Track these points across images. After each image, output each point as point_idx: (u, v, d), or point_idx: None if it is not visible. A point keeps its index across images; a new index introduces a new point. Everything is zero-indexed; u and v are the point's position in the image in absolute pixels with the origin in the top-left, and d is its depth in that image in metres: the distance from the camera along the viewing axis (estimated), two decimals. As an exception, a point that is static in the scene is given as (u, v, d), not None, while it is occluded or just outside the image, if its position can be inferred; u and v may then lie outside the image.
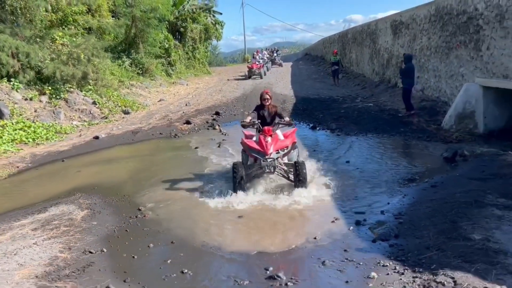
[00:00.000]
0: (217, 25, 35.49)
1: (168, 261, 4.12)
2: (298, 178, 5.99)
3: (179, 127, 12.63)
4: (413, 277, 3.28)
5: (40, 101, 13.10)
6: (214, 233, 4.87)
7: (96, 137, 11.27)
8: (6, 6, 12.67)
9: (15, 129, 10.78)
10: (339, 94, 17.15)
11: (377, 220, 4.79)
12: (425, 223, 4.29)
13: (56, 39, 15.58)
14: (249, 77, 25.82)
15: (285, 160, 6.40)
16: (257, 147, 6.05)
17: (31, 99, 12.72)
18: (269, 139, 6.02)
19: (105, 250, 4.40)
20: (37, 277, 3.61)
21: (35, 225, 5.10)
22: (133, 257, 4.26)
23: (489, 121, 9.07)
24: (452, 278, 3.07)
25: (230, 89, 21.64)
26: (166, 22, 25.38)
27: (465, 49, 10.24)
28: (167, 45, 26.35)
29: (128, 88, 19.30)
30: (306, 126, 11.67)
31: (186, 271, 3.87)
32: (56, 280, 3.56)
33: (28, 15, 13.57)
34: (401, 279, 3.31)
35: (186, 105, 16.88)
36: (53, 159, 9.39)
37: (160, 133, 11.82)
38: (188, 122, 13.04)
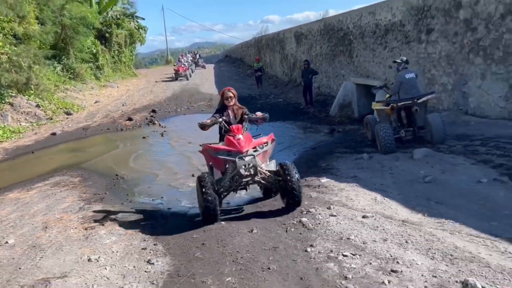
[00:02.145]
0: (140, 30, 37.30)
1: (147, 192, 6.86)
2: (290, 192, 4.54)
3: (123, 123, 14.91)
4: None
5: (-15, 106, 14.60)
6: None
7: (54, 133, 13.26)
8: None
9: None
10: (256, 92, 20.45)
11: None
12: (302, 163, 7.47)
13: (-4, 48, 16.93)
14: (176, 79, 28.28)
15: (265, 166, 5.00)
16: (225, 147, 4.74)
17: (-24, 105, 14.18)
18: (240, 136, 4.78)
19: (107, 193, 6.95)
20: (79, 201, 6.15)
21: (50, 185, 7.45)
22: (127, 195, 6.88)
23: (361, 108, 12.69)
24: (316, 179, 6.18)
25: (160, 90, 24.00)
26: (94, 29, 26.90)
27: (343, 56, 13.95)
28: (94, 50, 27.85)
29: (63, 92, 20.86)
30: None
31: (161, 196, 6.64)
32: (89, 202, 6.11)
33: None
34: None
35: (123, 105, 19.03)
36: (23, 151, 11.33)
37: (108, 128, 14.06)
38: (130, 119, 15.37)
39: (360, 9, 12.56)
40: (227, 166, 4.75)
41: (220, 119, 5.07)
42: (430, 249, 3.35)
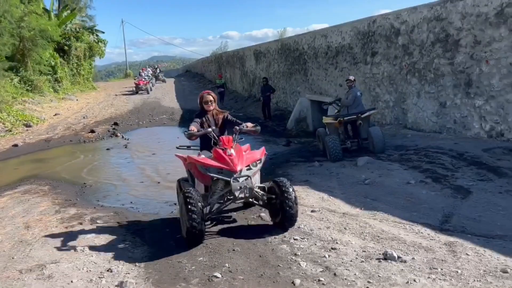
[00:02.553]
0: (100, 43, 37.23)
1: (116, 198, 7.36)
2: (287, 211, 4.24)
3: (85, 135, 15.15)
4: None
5: None
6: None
7: (15, 145, 13.34)
8: None
9: None
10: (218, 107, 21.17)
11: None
12: (261, 171, 8.21)
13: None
14: (137, 92, 28.53)
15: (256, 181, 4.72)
16: (218, 164, 4.31)
17: None
18: (232, 151, 4.37)
19: (78, 199, 7.37)
20: (53, 205, 6.56)
21: (21, 193, 7.76)
22: (98, 201, 7.32)
23: (316, 123, 13.64)
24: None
25: (121, 103, 24.20)
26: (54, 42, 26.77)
27: (299, 74, 15.00)
28: (53, 63, 27.64)
29: (21, 104, 20.68)
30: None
31: (130, 201, 7.16)
32: (64, 206, 6.53)
33: None
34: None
35: (84, 117, 19.16)
36: (-15, 162, 11.42)
37: (71, 140, 14.27)
38: (92, 131, 15.63)
39: (313, 32, 13.70)
40: (214, 180, 4.41)
41: (210, 129, 4.66)
42: (362, 233, 4.19)
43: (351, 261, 3.56)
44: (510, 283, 3.00)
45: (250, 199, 4.47)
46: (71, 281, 3.55)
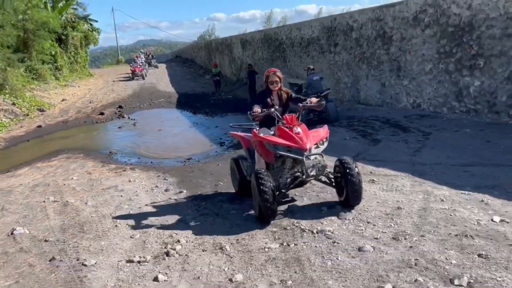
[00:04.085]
0: (94, 32, 39.20)
1: (141, 158, 9.95)
2: (352, 189, 4.33)
3: (96, 117, 17.58)
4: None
5: (-34, 104, 16.75)
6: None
7: (39, 126, 15.78)
8: None
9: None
10: (209, 90, 23.67)
11: (227, 142, 11.25)
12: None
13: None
14: (133, 78, 30.83)
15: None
16: (286, 142, 4.32)
17: (-43, 103, 16.31)
18: (299, 129, 4.40)
19: (111, 160, 9.92)
20: (97, 163, 9.14)
21: (64, 159, 10.27)
22: (128, 160, 9.87)
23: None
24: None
25: (120, 89, 26.54)
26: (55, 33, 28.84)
27: (279, 60, 17.57)
28: (53, 52, 29.74)
29: (30, 91, 22.95)
30: (189, 112, 17.82)
31: (151, 161, 9.77)
32: (105, 163, 9.09)
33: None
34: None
35: (90, 102, 21.56)
36: (19, 140, 13.85)
37: (84, 121, 16.72)
38: (102, 113, 18.06)
39: (290, 25, 16.25)
40: (277, 158, 4.53)
41: (273, 109, 4.66)
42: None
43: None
44: (368, 178, 5.70)
45: (319, 177, 4.49)
46: (136, 191, 6.20)
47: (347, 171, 4.32)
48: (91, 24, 38.73)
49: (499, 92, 7.88)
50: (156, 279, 3.35)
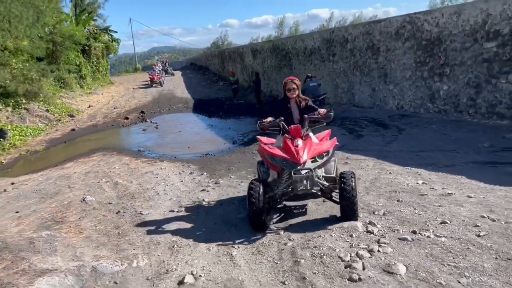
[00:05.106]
0: (114, 42, 41.63)
1: (168, 156, 11.82)
2: (346, 203, 4.34)
3: (122, 121, 19.59)
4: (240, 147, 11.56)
5: (7, 111, 18.82)
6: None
7: (73, 129, 17.85)
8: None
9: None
10: (223, 96, 25.60)
11: (239, 140, 13.05)
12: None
13: (12, 65, 21.21)
14: (151, 86, 32.97)
15: (322, 172, 4.72)
16: (282, 154, 4.47)
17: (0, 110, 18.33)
18: (299, 142, 4.51)
19: (142, 155, 11.80)
20: (131, 157, 11.03)
21: (101, 155, 12.18)
22: (155, 155, 11.76)
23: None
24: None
25: (140, 96, 28.66)
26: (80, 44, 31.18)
27: (286, 68, 19.38)
28: (78, 62, 32.09)
29: (59, 99, 25.17)
30: (204, 115, 19.73)
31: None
32: (137, 158, 10.97)
33: None
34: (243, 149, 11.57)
35: (114, 108, 23.63)
36: (57, 142, 15.88)
37: (112, 125, 18.74)
38: (126, 118, 20.07)
39: (294, 36, 18.04)
40: (280, 173, 4.63)
41: (278, 120, 4.79)
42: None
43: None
44: (344, 162, 7.41)
45: (313, 192, 4.43)
46: (168, 174, 8.05)
47: (342, 186, 4.32)
48: (111, 35, 41.17)
49: (461, 95, 9.55)
50: (190, 220, 5.19)
